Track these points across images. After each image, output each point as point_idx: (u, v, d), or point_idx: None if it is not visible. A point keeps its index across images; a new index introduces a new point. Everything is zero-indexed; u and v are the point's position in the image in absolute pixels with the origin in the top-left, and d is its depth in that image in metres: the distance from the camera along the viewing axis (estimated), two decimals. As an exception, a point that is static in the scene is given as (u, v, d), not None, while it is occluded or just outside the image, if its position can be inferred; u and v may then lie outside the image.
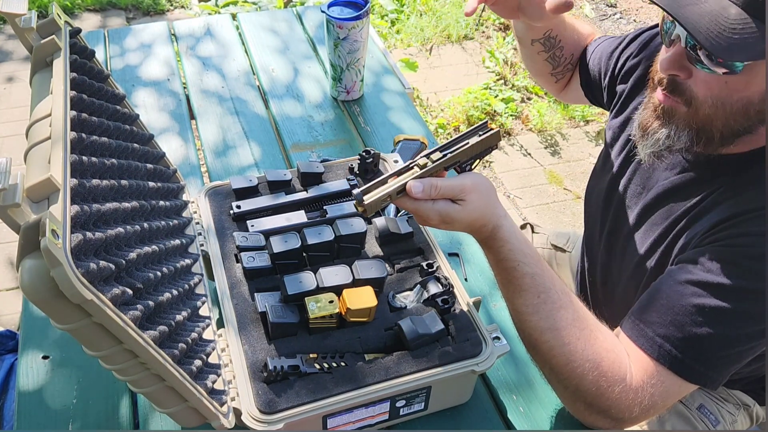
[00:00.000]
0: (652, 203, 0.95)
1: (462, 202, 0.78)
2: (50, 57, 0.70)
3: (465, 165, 0.84)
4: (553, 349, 0.79)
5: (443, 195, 0.78)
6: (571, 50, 1.18)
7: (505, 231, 0.81)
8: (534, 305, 0.80)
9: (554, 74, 1.22)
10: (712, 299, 0.76)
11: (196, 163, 1.30)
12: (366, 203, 0.75)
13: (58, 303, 0.52)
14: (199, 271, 0.90)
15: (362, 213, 0.76)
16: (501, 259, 0.81)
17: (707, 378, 0.78)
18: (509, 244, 0.81)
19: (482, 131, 0.84)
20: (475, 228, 0.80)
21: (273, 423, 0.74)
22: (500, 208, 0.81)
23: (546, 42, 1.14)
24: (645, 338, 0.80)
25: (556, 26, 1.13)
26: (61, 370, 0.93)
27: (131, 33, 1.66)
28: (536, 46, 1.15)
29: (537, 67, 1.21)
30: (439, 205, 0.78)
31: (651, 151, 0.86)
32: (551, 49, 1.16)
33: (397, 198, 0.78)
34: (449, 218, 0.78)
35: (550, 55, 1.17)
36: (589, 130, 2.82)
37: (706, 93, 0.78)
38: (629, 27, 3.51)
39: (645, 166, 0.97)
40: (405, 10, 3.43)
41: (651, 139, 0.85)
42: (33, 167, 0.58)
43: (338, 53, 1.37)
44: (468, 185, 0.78)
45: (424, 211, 0.78)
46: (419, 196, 0.76)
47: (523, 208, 2.44)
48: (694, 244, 0.83)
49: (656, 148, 0.85)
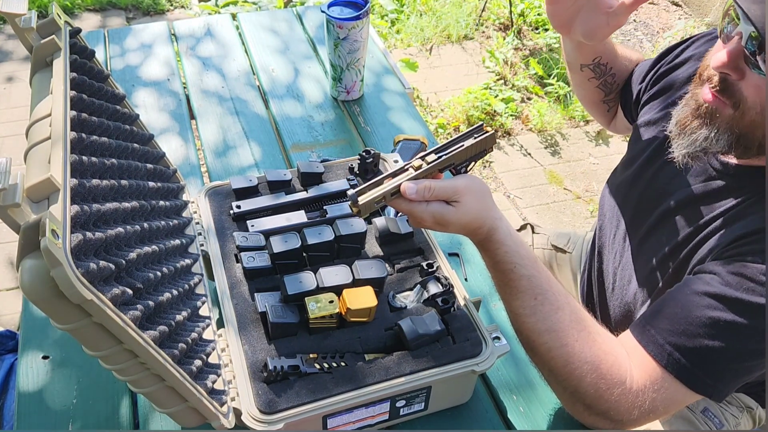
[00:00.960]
0: (673, 209, 0.93)
1: (456, 203, 0.78)
2: (50, 57, 0.70)
3: (460, 167, 0.84)
4: (551, 350, 0.79)
5: (437, 196, 0.77)
6: (623, 77, 1.16)
7: (500, 233, 0.80)
8: (531, 307, 0.80)
9: (606, 102, 1.19)
10: (727, 313, 0.76)
11: (196, 163, 1.30)
12: (360, 204, 0.75)
13: (58, 303, 0.52)
14: (199, 271, 0.90)
15: (357, 214, 0.76)
16: (497, 261, 0.81)
17: (714, 389, 0.78)
18: (505, 246, 0.80)
19: (477, 133, 0.84)
20: (470, 230, 0.80)
21: (273, 423, 0.74)
22: (495, 210, 0.81)
23: (596, 69, 1.12)
24: (654, 344, 0.79)
25: (605, 53, 1.11)
26: (61, 370, 0.93)
27: (131, 33, 1.66)
28: (586, 72, 1.13)
29: (588, 94, 1.19)
30: (433, 206, 0.77)
31: (687, 152, 0.83)
32: (602, 76, 1.14)
33: (392, 199, 0.77)
34: (443, 220, 0.78)
35: (601, 82, 1.15)
36: (589, 130, 2.82)
37: (755, 98, 0.75)
38: (629, 27, 3.51)
39: (669, 170, 0.95)
40: (405, 10, 3.43)
41: (688, 138, 0.83)
42: (33, 167, 0.58)
43: (338, 53, 1.37)
44: (461, 187, 0.78)
45: (418, 212, 0.78)
46: (413, 197, 0.76)
47: (523, 208, 2.44)
48: (715, 256, 0.82)
49: (692, 149, 0.82)
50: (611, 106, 1.21)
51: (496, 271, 0.82)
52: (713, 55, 0.78)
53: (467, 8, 3.43)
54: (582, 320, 0.81)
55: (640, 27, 3.52)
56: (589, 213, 2.44)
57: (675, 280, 0.86)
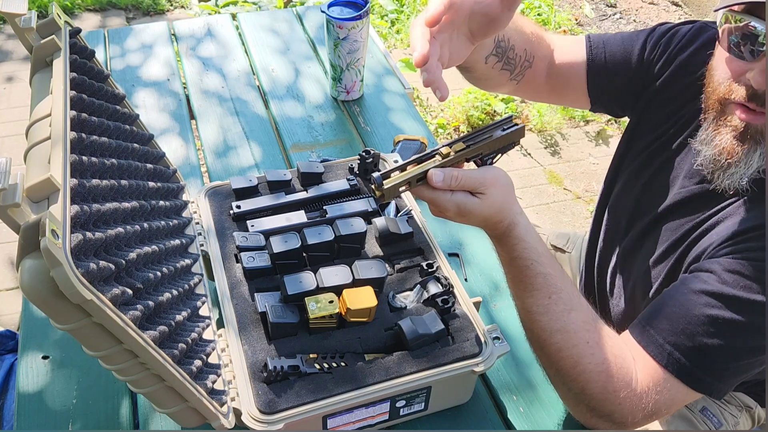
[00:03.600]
0: (668, 210, 0.94)
1: (481, 195, 0.76)
2: (50, 57, 0.70)
3: (486, 158, 0.81)
4: (561, 351, 0.79)
5: (463, 186, 0.75)
6: (522, 46, 1.03)
7: (521, 228, 0.79)
8: (545, 306, 0.79)
9: (513, 78, 1.06)
10: (725, 311, 0.76)
11: (196, 164, 1.30)
12: (385, 188, 0.73)
13: (58, 303, 0.52)
14: (199, 271, 0.90)
15: (380, 197, 0.74)
16: (515, 257, 0.80)
17: (713, 388, 0.78)
18: (524, 242, 0.79)
19: (507, 125, 0.81)
20: (491, 223, 0.79)
21: (273, 423, 0.74)
22: (517, 205, 0.80)
23: (498, 49, 0.99)
24: (654, 345, 0.79)
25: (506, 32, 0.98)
26: (61, 370, 0.93)
27: (131, 33, 1.66)
28: (491, 61, 0.99)
29: (495, 81, 1.05)
30: (458, 196, 0.75)
31: (748, 179, 0.81)
32: (504, 55, 1.01)
33: (416, 185, 0.75)
34: (466, 211, 0.76)
35: (504, 61, 1.03)
36: (589, 130, 2.82)
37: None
38: (629, 27, 3.52)
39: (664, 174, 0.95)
40: (405, 10, 3.43)
41: (745, 164, 0.80)
42: (33, 167, 0.58)
43: (338, 53, 1.37)
44: (489, 179, 0.76)
45: (441, 201, 0.76)
46: (439, 185, 0.74)
47: (523, 208, 2.42)
48: (710, 254, 0.82)
49: (751, 171, 0.80)
50: (519, 79, 1.08)
51: (512, 267, 0.81)
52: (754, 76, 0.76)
53: (467, 8, 3.43)
54: (593, 322, 0.80)
55: (640, 27, 3.52)
56: (588, 213, 2.44)
57: (672, 279, 0.86)
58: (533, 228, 0.81)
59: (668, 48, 1.00)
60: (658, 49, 1.01)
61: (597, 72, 1.05)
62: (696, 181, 0.91)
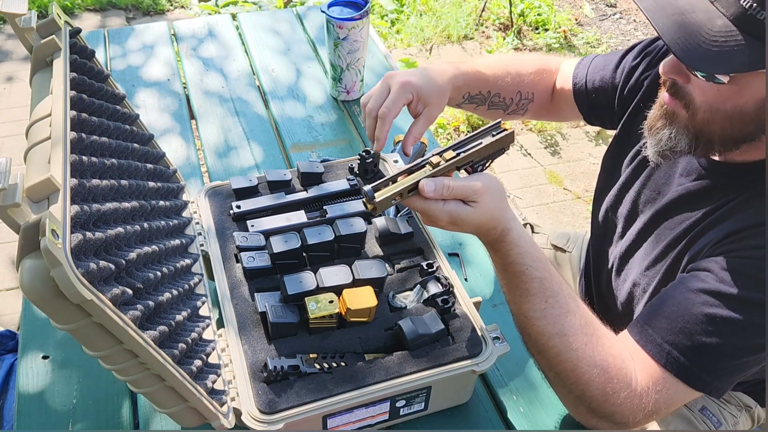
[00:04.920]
0: (664, 209, 0.94)
1: (474, 203, 0.77)
2: (50, 57, 0.70)
3: (477, 165, 0.82)
4: (560, 354, 0.79)
5: (455, 196, 0.76)
6: (515, 89, 1.13)
7: (514, 234, 0.79)
8: (542, 310, 0.79)
9: (511, 114, 1.16)
10: (723, 309, 0.76)
11: (196, 164, 1.30)
12: (377, 201, 0.73)
13: (58, 303, 0.52)
14: (199, 271, 0.90)
15: (371, 211, 0.74)
16: (509, 263, 0.80)
17: (713, 387, 0.78)
18: (518, 248, 0.79)
19: (496, 131, 0.82)
20: (484, 230, 0.79)
21: (273, 423, 0.74)
22: (509, 211, 0.80)
23: (472, 101, 1.09)
24: (653, 344, 0.79)
25: (470, 88, 1.07)
26: (61, 370, 0.93)
27: (132, 33, 1.66)
28: (467, 107, 1.10)
29: (490, 116, 1.14)
30: (450, 206, 0.76)
31: (655, 150, 0.86)
32: (486, 101, 1.10)
33: (408, 196, 0.76)
34: (459, 220, 0.77)
35: (488, 105, 1.11)
36: (588, 130, 2.82)
37: (702, 99, 0.78)
38: (629, 27, 3.52)
39: (660, 173, 0.97)
40: (405, 10, 3.43)
41: (655, 138, 0.85)
42: (33, 167, 0.58)
43: (338, 53, 1.37)
44: (480, 187, 0.76)
45: (433, 211, 0.76)
46: (431, 195, 0.75)
47: (523, 208, 2.44)
48: (707, 253, 0.83)
49: (659, 147, 0.85)
50: (522, 113, 1.19)
51: (507, 273, 0.81)
52: (662, 62, 0.82)
53: (467, 8, 3.43)
54: (591, 324, 0.80)
55: (639, 27, 3.52)
56: (588, 213, 2.44)
57: (670, 278, 0.86)
58: (527, 233, 0.82)
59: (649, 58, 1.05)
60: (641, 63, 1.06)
61: (582, 96, 1.14)
62: (692, 179, 0.91)
